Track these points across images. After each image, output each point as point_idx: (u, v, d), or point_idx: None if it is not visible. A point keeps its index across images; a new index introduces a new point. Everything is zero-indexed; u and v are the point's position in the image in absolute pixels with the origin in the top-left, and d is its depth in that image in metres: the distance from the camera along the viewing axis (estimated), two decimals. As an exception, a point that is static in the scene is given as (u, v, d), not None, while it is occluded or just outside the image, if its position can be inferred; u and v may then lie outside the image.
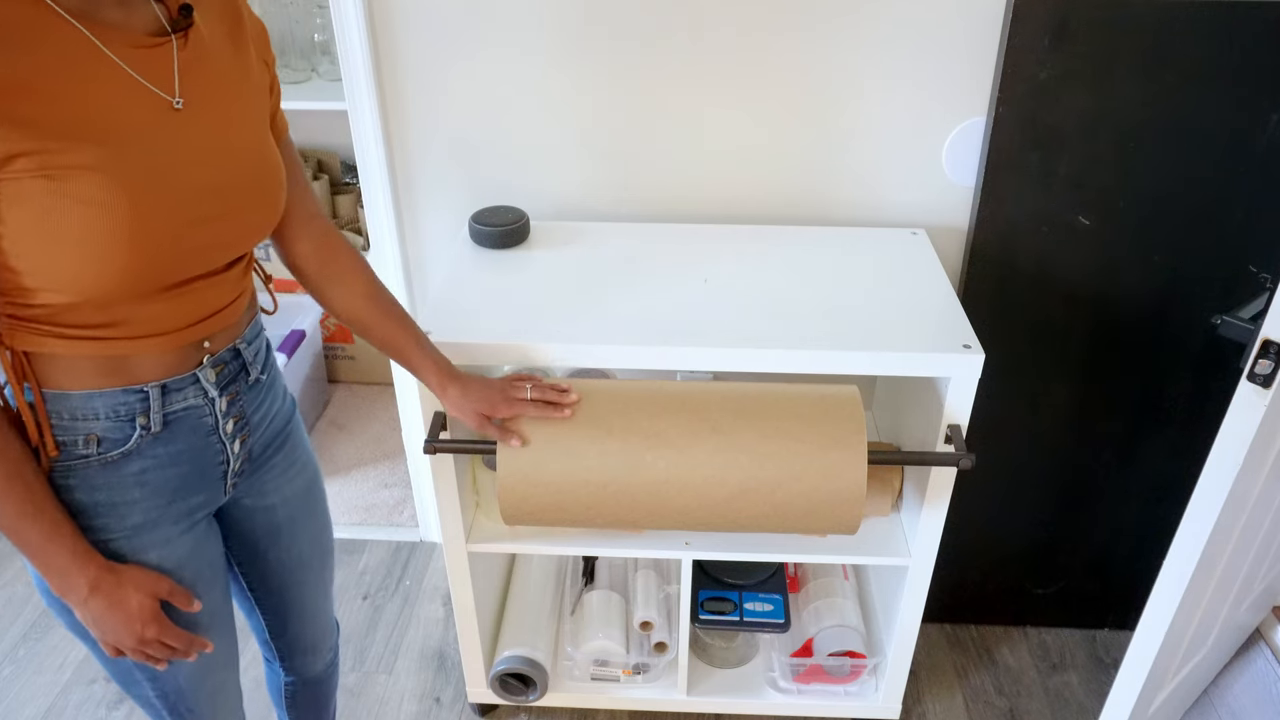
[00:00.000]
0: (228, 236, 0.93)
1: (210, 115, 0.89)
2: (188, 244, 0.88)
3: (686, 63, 1.53)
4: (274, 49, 2.39)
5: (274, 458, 1.12)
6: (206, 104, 0.89)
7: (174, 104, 0.86)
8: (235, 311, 1.00)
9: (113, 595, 0.93)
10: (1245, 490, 1.18)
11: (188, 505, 1.01)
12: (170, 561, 1.00)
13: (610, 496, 1.24)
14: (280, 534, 1.16)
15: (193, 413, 0.98)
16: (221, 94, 0.91)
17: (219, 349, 0.99)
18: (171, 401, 0.95)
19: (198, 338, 0.96)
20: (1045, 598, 1.91)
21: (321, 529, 1.23)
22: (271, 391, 1.10)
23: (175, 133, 0.86)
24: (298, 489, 1.16)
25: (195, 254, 0.90)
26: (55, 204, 0.79)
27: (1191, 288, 1.57)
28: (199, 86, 0.88)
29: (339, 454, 2.43)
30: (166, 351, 0.93)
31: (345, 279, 1.11)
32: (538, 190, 1.66)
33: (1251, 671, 1.71)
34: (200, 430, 0.99)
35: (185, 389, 0.96)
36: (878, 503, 1.52)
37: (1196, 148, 1.46)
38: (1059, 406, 1.68)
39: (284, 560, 1.18)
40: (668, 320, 1.35)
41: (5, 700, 1.81)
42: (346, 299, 1.12)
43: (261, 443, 1.09)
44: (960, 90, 1.52)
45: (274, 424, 1.10)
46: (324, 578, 1.27)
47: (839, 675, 1.67)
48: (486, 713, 1.76)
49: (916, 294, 1.42)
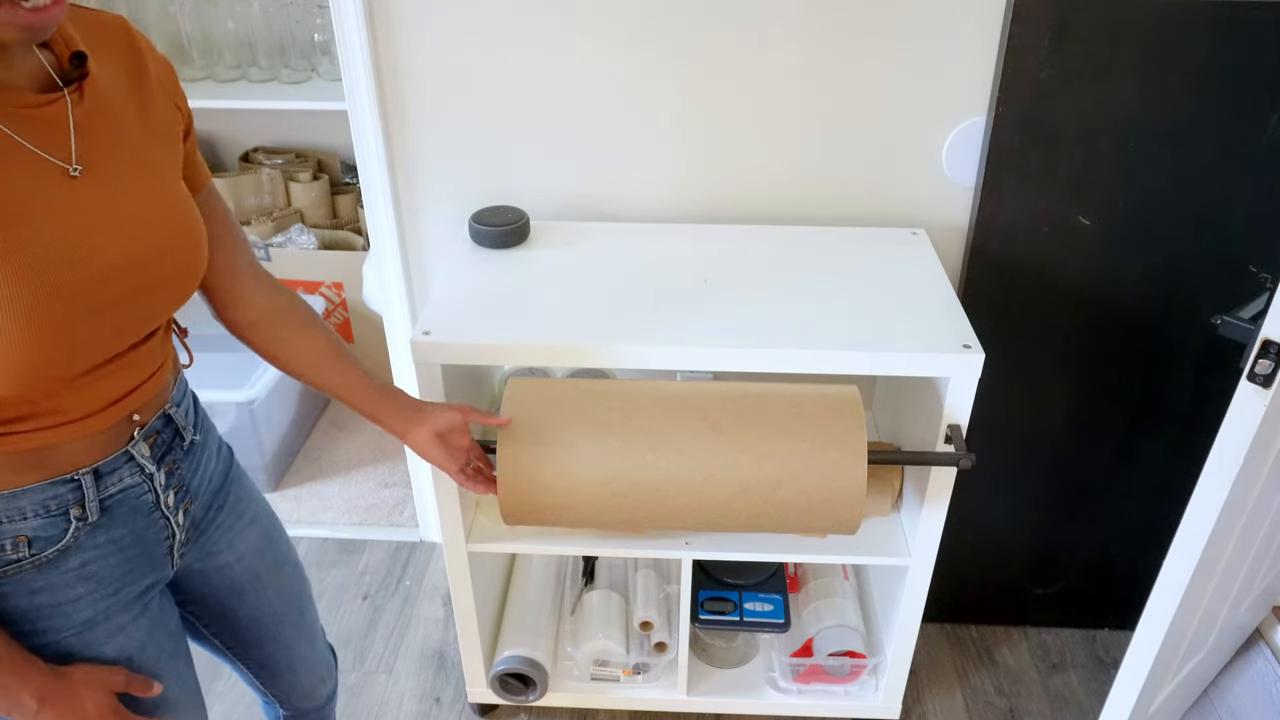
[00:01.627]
0: (144, 312, 0.84)
1: (114, 181, 0.80)
2: (101, 327, 0.80)
3: (686, 63, 1.53)
4: (274, 49, 2.41)
5: (217, 517, 1.04)
6: (109, 168, 0.79)
7: (70, 171, 0.76)
8: (160, 379, 0.92)
9: (65, 703, 0.84)
10: (1245, 490, 1.18)
11: (137, 589, 0.93)
12: (130, 648, 0.93)
13: (610, 496, 1.24)
14: (245, 591, 1.09)
15: (131, 493, 0.90)
16: (125, 154, 0.81)
17: (148, 419, 0.91)
18: (107, 486, 0.87)
19: (125, 413, 0.87)
20: (1045, 598, 1.91)
21: (290, 578, 1.16)
22: (206, 450, 1.02)
23: (75, 205, 0.76)
24: (251, 543, 1.08)
25: (110, 336, 0.82)
26: None
27: (1191, 288, 1.57)
28: (99, 149, 0.79)
29: (339, 454, 2.43)
30: (93, 434, 0.84)
31: (303, 328, 1.04)
32: (538, 190, 1.66)
33: (1251, 671, 1.71)
34: (141, 510, 0.92)
35: (119, 469, 0.88)
36: (878, 503, 1.52)
37: (1196, 148, 1.46)
38: (1059, 406, 1.68)
39: (257, 616, 1.11)
40: (668, 320, 1.35)
41: (5, 700, 1.81)
42: (306, 348, 1.04)
43: (202, 506, 1.01)
44: (960, 90, 1.52)
45: (212, 483, 1.03)
46: (305, 624, 1.20)
47: (839, 675, 1.67)
48: (486, 713, 1.76)
49: (916, 294, 1.42)
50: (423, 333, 1.30)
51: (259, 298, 1.02)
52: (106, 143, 0.80)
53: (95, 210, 0.78)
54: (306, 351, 1.06)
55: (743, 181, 1.63)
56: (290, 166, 2.59)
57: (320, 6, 2.36)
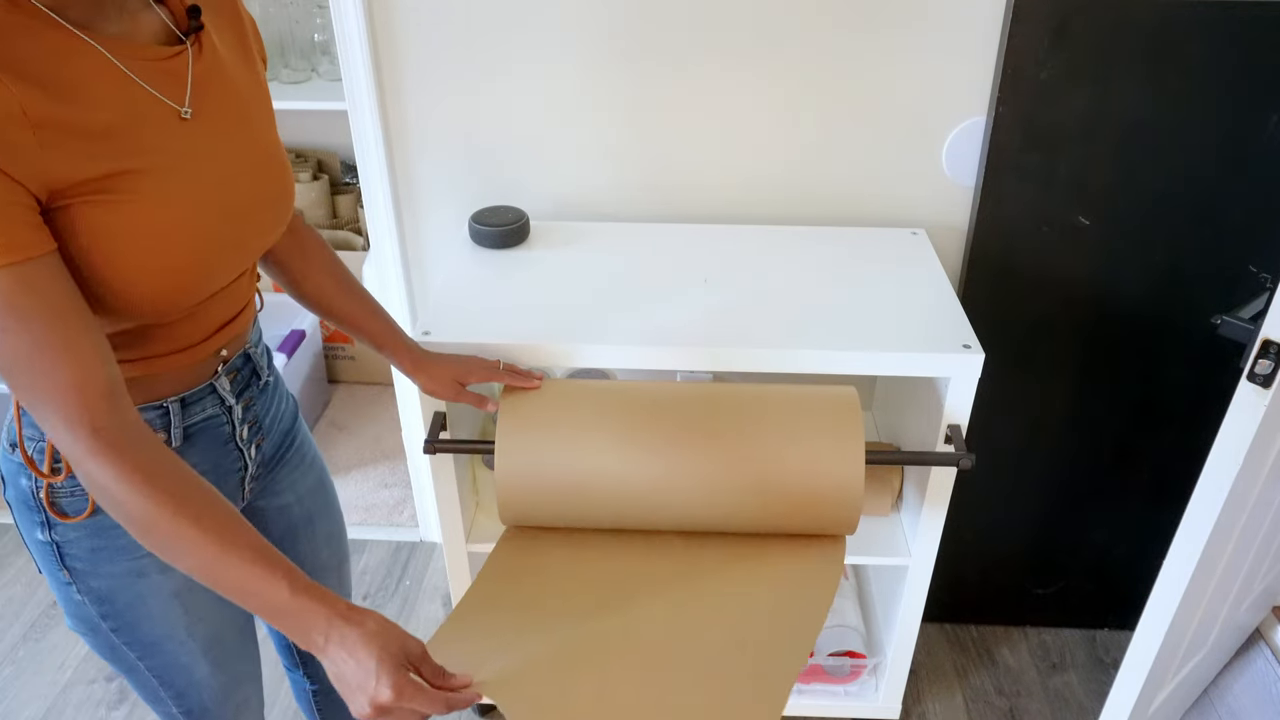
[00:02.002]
0: (256, 245, 0.92)
1: (223, 129, 0.86)
2: (231, 259, 0.88)
3: (686, 63, 1.53)
4: (274, 49, 2.41)
5: (285, 455, 1.11)
6: (219, 117, 0.86)
7: (182, 114, 0.83)
8: (247, 317, 0.99)
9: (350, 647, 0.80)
10: (1245, 490, 1.18)
11: None
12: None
13: (608, 496, 1.24)
14: (300, 534, 1.15)
15: (212, 423, 0.97)
16: (234, 105, 0.88)
17: (233, 355, 0.98)
18: (191, 414, 0.94)
19: (214, 349, 0.94)
20: (1045, 598, 1.91)
21: (337, 525, 1.22)
22: (278, 392, 1.10)
23: (188, 148, 0.83)
24: (310, 484, 1.15)
25: (234, 265, 0.90)
26: (116, 221, 0.77)
27: (1191, 288, 1.57)
28: (211, 99, 0.85)
29: (339, 454, 2.43)
30: (186, 367, 0.92)
31: (314, 261, 1.10)
32: (538, 190, 1.66)
33: (1251, 671, 1.71)
34: (219, 439, 0.98)
35: (203, 400, 0.95)
36: (878, 502, 1.52)
37: (1196, 148, 1.46)
38: (1059, 406, 1.68)
39: (305, 563, 1.16)
40: (668, 320, 1.35)
41: (5, 700, 1.81)
42: (316, 282, 1.10)
43: (273, 444, 1.08)
44: (960, 90, 1.52)
45: (282, 424, 1.10)
46: (343, 576, 1.26)
47: (839, 675, 1.67)
48: (486, 713, 1.76)
49: (916, 294, 1.42)
50: (423, 333, 1.30)
51: (284, 239, 1.07)
52: (217, 93, 0.86)
53: (217, 154, 0.85)
54: (314, 290, 1.11)
55: (743, 181, 1.63)
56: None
57: (320, 6, 2.36)
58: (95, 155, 0.75)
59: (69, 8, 0.75)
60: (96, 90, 0.76)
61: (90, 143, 0.75)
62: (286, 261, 1.09)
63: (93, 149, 0.75)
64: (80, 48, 0.75)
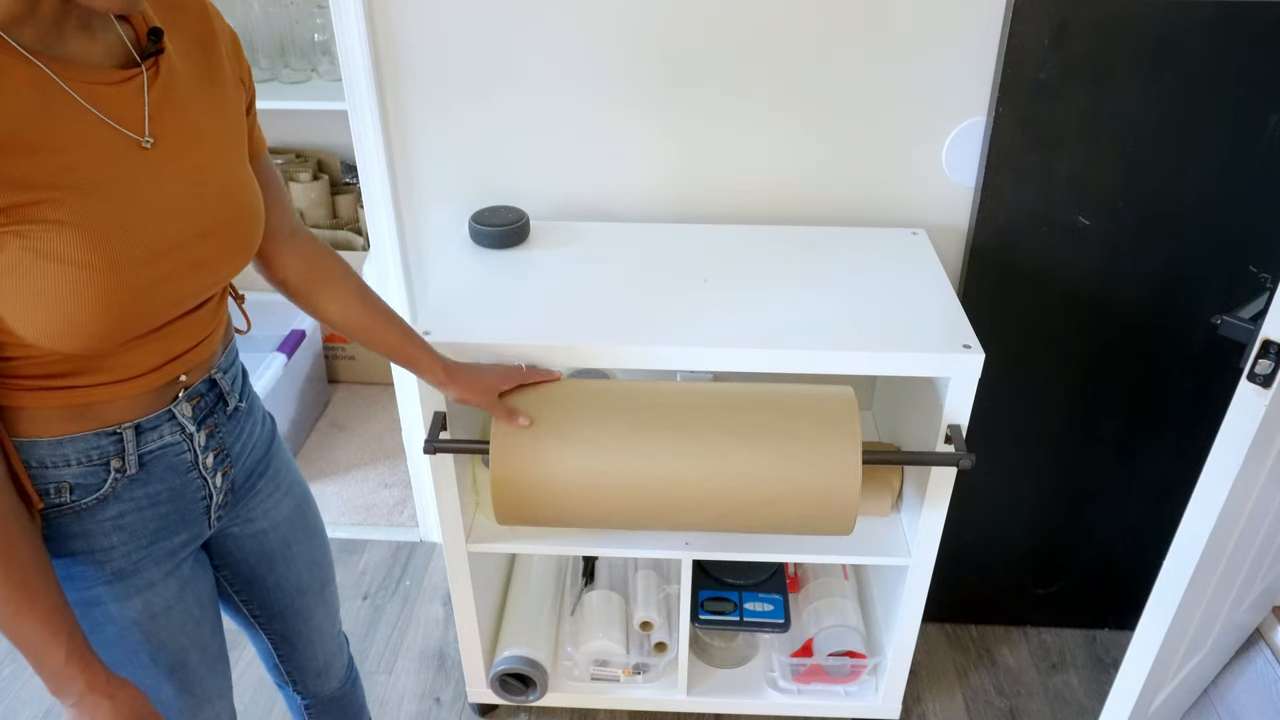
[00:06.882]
0: (205, 280, 0.89)
1: (182, 155, 0.83)
2: (163, 294, 0.84)
3: (686, 63, 1.53)
4: (274, 49, 2.40)
5: (257, 484, 1.08)
6: (178, 143, 0.83)
7: (142, 143, 0.80)
8: (210, 345, 0.96)
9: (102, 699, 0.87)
10: (1245, 490, 1.18)
11: (170, 545, 0.96)
12: (156, 606, 0.96)
13: (605, 496, 1.24)
14: (276, 559, 1.12)
15: (170, 450, 0.93)
16: (194, 130, 0.85)
17: (194, 382, 0.95)
18: (147, 441, 0.91)
19: (173, 375, 0.91)
20: (1045, 598, 1.91)
21: (318, 550, 1.19)
22: (250, 418, 1.06)
23: (144, 177, 0.80)
24: (286, 512, 1.12)
25: (171, 302, 0.86)
26: (24, 260, 0.73)
27: (1191, 288, 1.57)
28: (170, 124, 0.82)
29: (339, 454, 2.43)
30: (140, 393, 0.89)
31: (335, 286, 1.09)
32: (538, 190, 1.66)
33: (1251, 671, 1.71)
34: (179, 468, 0.95)
35: (160, 427, 0.92)
36: (877, 503, 1.52)
37: (1196, 148, 1.46)
38: (1059, 406, 1.68)
39: (283, 585, 1.15)
40: (668, 320, 1.35)
41: (5, 700, 1.81)
42: (340, 306, 1.09)
43: (244, 472, 1.05)
44: (960, 90, 1.52)
45: (255, 451, 1.06)
46: (326, 598, 1.23)
47: (839, 675, 1.67)
48: (486, 713, 1.76)
49: (916, 294, 1.42)
50: (423, 333, 1.30)
51: (296, 260, 1.06)
52: (177, 118, 0.83)
53: (163, 182, 0.81)
54: (338, 313, 1.10)
55: (743, 181, 1.63)
56: (290, 166, 2.59)
57: (320, 6, 2.36)
58: (12, 177, 0.72)
59: (22, 30, 0.73)
60: (35, 120, 0.73)
61: (10, 160, 0.72)
62: (305, 292, 1.08)
63: (11, 169, 0.72)
64: (25, 71, 0.73)
